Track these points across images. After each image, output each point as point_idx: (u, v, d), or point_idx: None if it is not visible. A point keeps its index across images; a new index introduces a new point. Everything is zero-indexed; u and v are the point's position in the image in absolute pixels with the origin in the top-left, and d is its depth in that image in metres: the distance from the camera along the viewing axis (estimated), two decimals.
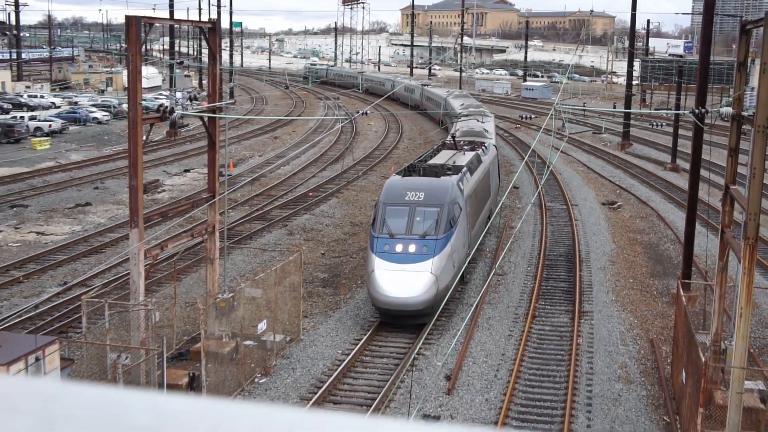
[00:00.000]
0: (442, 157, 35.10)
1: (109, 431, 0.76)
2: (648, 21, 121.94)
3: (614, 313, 27.67)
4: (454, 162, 33.14)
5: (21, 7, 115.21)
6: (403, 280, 24.48)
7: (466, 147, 37.84)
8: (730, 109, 19.71)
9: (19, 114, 73.41)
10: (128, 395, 0.81)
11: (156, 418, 0.78)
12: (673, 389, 21.27)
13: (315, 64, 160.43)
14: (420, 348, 22.62)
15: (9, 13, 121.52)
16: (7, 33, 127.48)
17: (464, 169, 31.41)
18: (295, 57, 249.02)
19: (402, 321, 25.37)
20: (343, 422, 0.87)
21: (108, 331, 20.55)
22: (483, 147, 39.80)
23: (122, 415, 0.77)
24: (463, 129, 46.08)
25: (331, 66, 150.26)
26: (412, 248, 25.45)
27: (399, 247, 25.49)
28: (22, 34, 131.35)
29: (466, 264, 27.38)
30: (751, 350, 21.53)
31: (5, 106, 78.45)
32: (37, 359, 16.63)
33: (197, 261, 30.85)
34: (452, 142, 38.84)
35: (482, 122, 50.14)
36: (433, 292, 24.47)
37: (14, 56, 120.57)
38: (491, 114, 59.82)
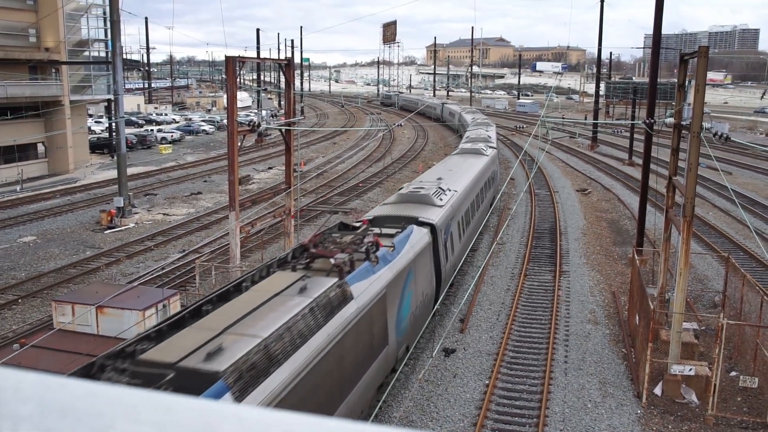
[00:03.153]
0: (254, 299, 11.45)
1: None
2: (611, 53, 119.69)
3: (585, 272, 27.36)
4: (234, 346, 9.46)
5: (150, 50, 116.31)
6: None
7: (350, 248, 14.16)
8: (672, 120, 19.29)
9: (149, 127, 74.29)
10: (224, 408, 0.78)
11: (244, 428, 0.74)
12: (629, 329, 21.01)
13: (388, 91, 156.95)
14: (441, 300, 22.48)
15: (142, 54, 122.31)
16: (141, 69, 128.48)
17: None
18: (347, 83, 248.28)
19: None
20: None
21: (214, 286, 20.80)
22: (379, 251, 15.04)
23: (218, 426, 0.74)
24: (409, 189, 22.73)
25: (400, 93, 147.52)
26: None
27: None
28: (151, 69, 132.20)
29: None
30: (688, 300, 21.20)
31: (140, 121, 79.33)
32: (164, 306, 16.84)
33: (278, 235, 30.99)
34: (307, 251, 14.14)
35: (459, 168, 29.14)
36: None
37: (146, 85, 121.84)
38: (490, 151, 36.48)
